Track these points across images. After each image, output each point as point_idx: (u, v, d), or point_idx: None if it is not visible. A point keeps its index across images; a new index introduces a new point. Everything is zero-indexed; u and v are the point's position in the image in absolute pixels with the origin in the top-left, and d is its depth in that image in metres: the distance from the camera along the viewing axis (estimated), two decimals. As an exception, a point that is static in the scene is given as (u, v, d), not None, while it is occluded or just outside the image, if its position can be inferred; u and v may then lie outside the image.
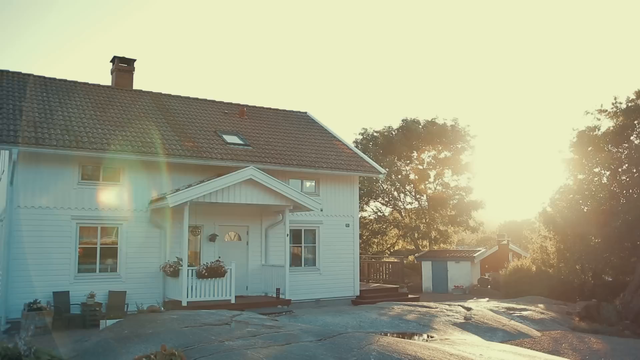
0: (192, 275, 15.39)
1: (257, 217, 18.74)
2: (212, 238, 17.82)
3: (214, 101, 22.87)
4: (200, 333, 9.93)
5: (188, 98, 22.26)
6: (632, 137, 23.96)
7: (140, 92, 21.23)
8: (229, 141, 19.04)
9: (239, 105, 23.13)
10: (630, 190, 22.43)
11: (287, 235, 17.65)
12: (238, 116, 21.94)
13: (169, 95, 21.84)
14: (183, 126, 19.18)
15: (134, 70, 21.68)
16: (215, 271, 15.55)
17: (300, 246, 19.88)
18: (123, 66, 21.46)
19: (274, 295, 17.39)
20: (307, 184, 20.15)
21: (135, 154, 16.12)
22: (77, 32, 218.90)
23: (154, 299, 15.94)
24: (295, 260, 19.58)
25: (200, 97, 22.76)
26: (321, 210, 18.94)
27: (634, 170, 22.21)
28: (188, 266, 15.43)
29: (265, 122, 22.32)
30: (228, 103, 23.14)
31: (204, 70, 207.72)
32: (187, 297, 15.21)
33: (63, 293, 14.88)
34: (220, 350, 8.46)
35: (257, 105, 23.95)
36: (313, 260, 20.05)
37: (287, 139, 21.11)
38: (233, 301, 15.76)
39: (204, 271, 15.43)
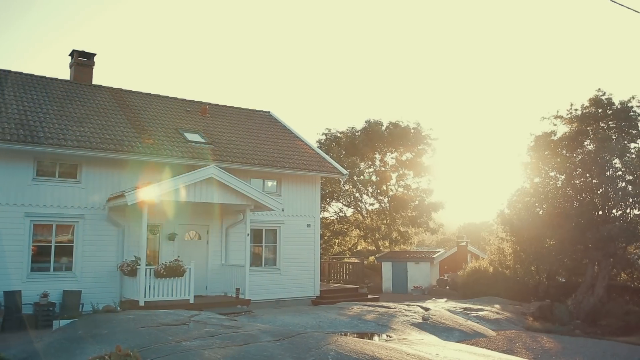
0: (150, 275, 15.15)
1: (218, 216, 18.59)
2: (172, 237, 17.59)
3: (175, 98, 22.57)
4: (157, 333, 9.79)
5: (149, 95, 21.92)
6: (585, 143, 24.71)
7: (99, 87, 20.80)
8: (190, 139, 18.83)
9: (201, 103, 22.90)
10: (584, 194, 23.10)
11: (248, 234, 17.56)
12: (200, 114, 21.72)
13: (130, 92, 21.45)
14: (143, 123, 18.88)
15: (93, 65, 21.23)
16: (174, 270, 15.36)
17: (261, 246, 19.82)
18: (82, 60, 20.99)
19: (234, 295, 17.28)
20: (269, 183, 20.11)
21: (93, 150, 15.78)
22: (36, 27, 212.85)
23: (111, 298, 15.62)
24: (256, 260, 19.52)
25: (162, 94, 22.44)
26: (282, 210, 18.93)
27: (587, 175, 22.89)
28: (146, 265, 15.18)
29: (228, 121, 22.16)
30: (190, 100, 22.88)
31: (167, 68, 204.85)
32: (145, 296, 14.96)
33: (14, 292, 14.42)
34: (177, 351, 8.36)
35: (219, 103, 23.77)
36: (274, 260, 20.02)
37: (249, 138, 21.01)
38: (192, 301, 15.58)
39: (163, 270, 15.21)
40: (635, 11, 9.87)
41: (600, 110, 25.69)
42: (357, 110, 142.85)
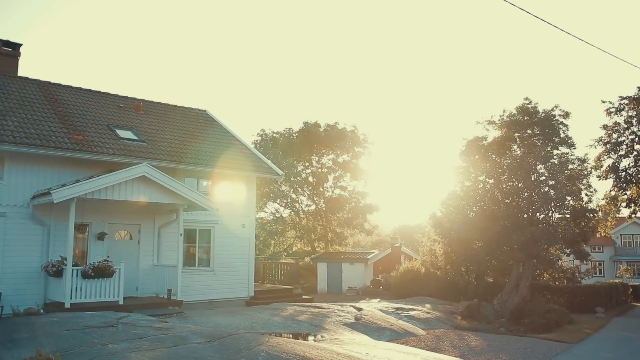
0: (77, 276, 14.59)
1: (150, 216, 18.15)
2: (101, 236, 17.01)
3: (108, 94, 21.85)
4: (82, 336, 9.46)
5: (80, 89, 21.12)
6: (513, 148, 25.79)
7: (26, 79, 19.84)
8: (122, 136, 18.30)
9: (135, 99, 22.25)
10: (510, 198, 24.11)
11: (181, 234, 17.24)
12: (133, 110, 21.12)
13: (59, 85, 20.59)
14: (72, 118, 18.18)
15: (19, 56, 20.25)
16: (102, 271, 14.87)
17: (195, 246, 19.50)
18: (7, 50, 19.97)
19: (166, 296, 16.92)
20: (204, 183, 19.83)
21: (17, 145, 15.05)
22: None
23: (34, 300, 14.93)
24: (189, 261, 19.19)
25: (93, 89, 21.67)
26: (217, 210, 18.71)
27: (514, 179, 23.91)
28: (73, 266, 14.61)
29: (162, 118, 21.67)
30: (123, 96, 22.20)
31: (100, 63, 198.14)
32: (71, 298, 14.40)
33: None
34: (102, 354, 8.11)
35: (154, 100, 23.19)
36: (207, 260, 19.74)
37: (184, 137, 20.64)
38: (121, 302, 15.14)
39: (90, 271, 14.70)
40: (570, 34, 10.42)
41: (527, 118, 26.90)
42: (294, 111, 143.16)
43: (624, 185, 31.60)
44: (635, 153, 31.82)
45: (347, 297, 27.60)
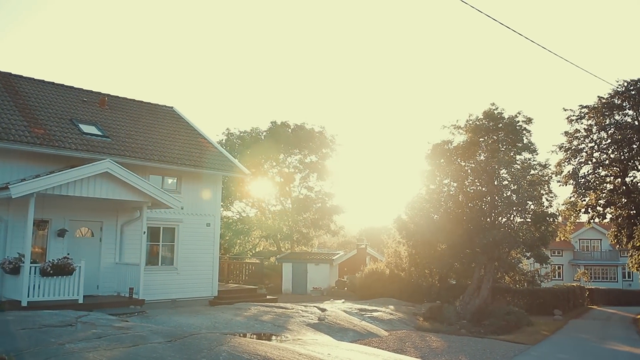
0: (35, 273, 14.26)
1: (113, 213, 17.85)
2: (61, 233, 16.64)
3: (72, 87, 21.38)
4: (38, 336, 9.25)
5: (42, 82, 20.62)
6: (478, 153, 26.22)
7: (-16, 70, 19.29)
8: (85, 131, 17.94)
9: (100, 94, 21.84)
10: (474, 202, 24.52)
11: (144, 232, 17.01)
12: (98, 105, 20.72)
13: (20, 77, 20.04)
14: (34, 111, 17.74)
15: (-21, 46, 19.66)
16: (61, 269, 14.56)
17: (158, 244, 19.25)
18: (-34, 40, 19.38)
19: (127, 295, 16.66)
20: (169, 180, 19.61)
21: (-26, 138, 14.60)
22: None
23: (-12, 298, 14.54)
24: (152, 259, 18.95)
25: (56, 81, 21.19)
26: (182, 208, 18.52)
27: (477, 184, 24.33)
28: (31, 263, 14.27)
29: (128, 114, 21.33)
30: (88, 91, 21.76)
31: (64, 55, 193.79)
32: (28, 296, 14.06)
33: None
34: (59, 354, 7.94)
35: (120, 95, 22.80)
36: (171, 259, 19.51)
37: (150, 133, 20.36)
38: (81, 301, 14.86)
39: (49, 268, 14.38)
40: (534, 42, 10.65)
41: (492, 123, 27.34)
42: (262, 111, 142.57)
43: (583, 191, 32.45)
44: (594, 160, 32.70)
45: (312, 298, 27.64)
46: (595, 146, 32.67)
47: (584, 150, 32.83)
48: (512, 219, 24.69)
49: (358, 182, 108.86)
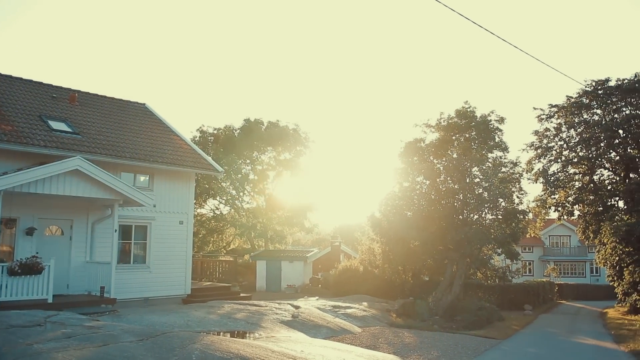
0: (2, 273, 13.98)
1: (84, 211, 17.59)
2: (30, 232, 16.34)
3: (41, 83, 20.97)
4: (5, 336, 9.05)
5: (10, 77, 20.19)
6: (450, 151, 26.52)
7: (-50, 65, 18.79)
8: (55, 128, 17.62)
9: (70, 90, 21.45)
10: (446, 199, 24.79)
11: (116, 230, 16.79)
12: (68, 102, 20.37)
13: (-13, 72, 19.61)
14: (1, 107, 17.34)
15: (-57, 40, 19.16)
16: (30, 268, 14.30)
17: (130, 242, 19.05)
18: None
19: (98, 294, 16.45)
20: (141, 178, 19.40)
21: (-62, 134, 14.24)
22: None
23: (-46, 299, 14.19)
24: (124, 257, 18.75)
25: (24, 77, 20.76)
26: (154, 206, 18.35)
27: (450, 181, 24.62)
28: (-2, 262, 13.99)
29: (99, 111, 21.02)
30: (57, 87, 21.36)
31: (34, 51, 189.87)
32: (-4, 296, 13.79)
33: None
34: (27, 354, 7.80)
35: (90, 92, 22.45)
36: (143, 257, 19.32)
37: (121, 130, 20.10)
38: (50, 300, 14.62)
39: (17, 268, 14.11)
40: (506, 41, 10.83)
41: (464, 121, 27.71)
42: (236, 109, 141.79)
43: (553, 189, 33.12)
44: (563, 159, 33.39)
45: (286, 295, 27.65)
46: (565, 144, 33.39)
47: (554, 149, 33.53)
48: (483, 216, 25.05)
49: (332, 179, 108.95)
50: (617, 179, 32.84)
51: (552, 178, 33.09)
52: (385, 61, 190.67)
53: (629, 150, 31.24)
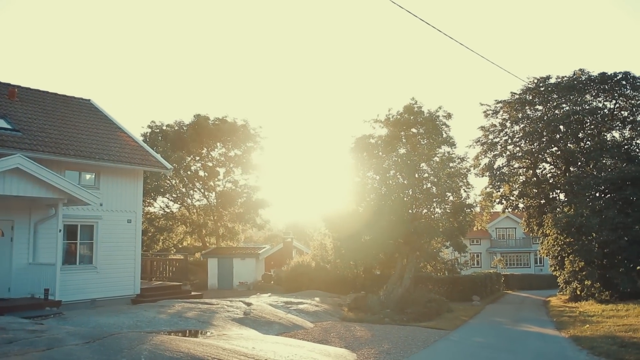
0: (-63, 277, 13.35)
1: (25, 211, 16.96)
2: (-33, 234, 15.68)
3: (-23, 78, 20.10)
4: (-60, 343, 8.67)
5: (-57, 72, 19.27)
6: (399, 147, 26.91)
7: None
8: (-7, 125, 16.93)
9: (9, 85, 20.61)
10: (396, 194, 25.13)
11: (60, 230, 16.27)
12: (7, 97, 19.56)
13: None
14: None
15: None
16: (-32, 271, 13.70)
17: (76, 243, 18.51)
18: None
19: (42, 297, 15.91)
20: (87, 176, 18.88)
21: None
22: None
23: None
24: (70, 258, 18.21)
25: (-41, 72, 19.86)
26: (101, 204, 17.91)
27: (399, 176, 24.98)
28: None
29: (41, 107, 20.29)
30: (-5, 82, 20.51)
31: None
32: None
33: None
34: (-36, 362, 7.50)
35: (32, 87, 21.63)
36: (90, 257, 18.82)
37: (65, 127, 19.48)
38: (-10, 304, 14.07)
39: (-46, 271, 13.50)
40: (452, 38, 11.03)
41: (412, 117, 28.09)
42: (186, 105, 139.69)
43: (498, 183, 34.12)
44: (507, 153, 34.44)
45: (238, 293, 27.48)
46: (509, 139, 34.44)
47: (499, 144, 34.53)
48: (432, 210, 25.54)
49: (284, 175, 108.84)
50: (559, 172, 34.12)
51: (498, 172, 34.09)
52: (336, 57, 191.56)
53: (569, 145, 32.49)
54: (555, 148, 33.31)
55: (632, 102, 31.95)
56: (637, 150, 31.17)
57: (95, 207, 17.95)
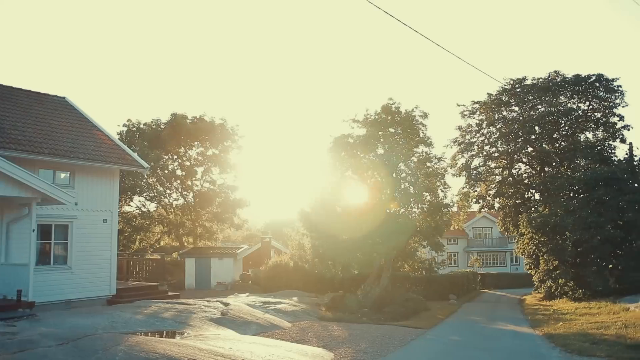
0: None
1: (-2, 211, 16.65)
2: (-63, 234, 15.31)
3: (-52, 75, 19.66)
4: None
5: None
6: (376, 146, 27.05)
7: None
8: (-36, 122, 16.57)
9: (-19, 82, 20.23)
10: (374, 194, 25.29)
11: (34, 230, 15.97)
12: (-21, 95, 19.20)
13: None
14: None
15: None
16: (-62, 272, 13.40)
17: (50, 243, 18.21)
18: None
19: (15, 298, 15.61)
20: (62, 175, 18.59)
21: None
22: None
23: None
24: (44, 259, 17.90)
25: None
26: (75, 204, 17.62)
27: (377, 176, 25.14)
28: None
29: (14, 104, 19.90)
30: (-34, 79, 20.10)
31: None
32: None
33: None
34: None
35: (4, 84, 21.22)
36: (65, 258, 18.52)
37: (39, 125, 19.14)
38: (-39, 306, 13.77)
39: None
40: (429, 39, 11.10)
41: (390, 117, 28.25)
42: (163, 103, 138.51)
43: (474, 182, 34.51)
44: (484, 153, 34.85)
45: (216, 293, 27.32)
46: (486, 140, 34.86)
47: (476, 144, 34.93)
48: (409, 209, 25.73)
49: (262, 175, 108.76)
50: (534, 172, 34.65)
51: (474, 172, 34.48)
52: (314, 57, 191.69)
53: (544, 145, 33.01)
54: (531, 149, 33.82)
55: (605, 104, 32.59)
56: (610, 151, 31.80)
57: (70, 207, 17.68)
